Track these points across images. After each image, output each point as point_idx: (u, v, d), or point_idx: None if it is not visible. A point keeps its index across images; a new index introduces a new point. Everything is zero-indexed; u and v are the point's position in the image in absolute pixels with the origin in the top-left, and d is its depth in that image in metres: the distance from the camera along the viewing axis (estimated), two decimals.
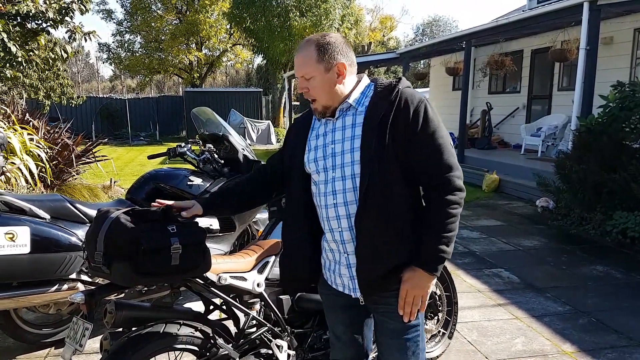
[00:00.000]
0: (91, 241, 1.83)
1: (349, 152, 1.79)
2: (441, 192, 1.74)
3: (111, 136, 20.86)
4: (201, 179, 3.79)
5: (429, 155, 1.74)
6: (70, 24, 7.52)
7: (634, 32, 9.03)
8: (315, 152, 1.89)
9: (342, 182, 1.81)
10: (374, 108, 1.78)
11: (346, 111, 1.85)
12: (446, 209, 1.74)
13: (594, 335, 3.62)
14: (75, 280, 3.06)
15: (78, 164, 6.51)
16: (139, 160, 14.09)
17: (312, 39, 1.83)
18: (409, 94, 1.77)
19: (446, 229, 1.74)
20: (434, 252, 1.75)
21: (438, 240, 1.74)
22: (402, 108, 1.74)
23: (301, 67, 1.82)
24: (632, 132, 5.80)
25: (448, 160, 1.75)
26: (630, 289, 4.49)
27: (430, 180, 1.77)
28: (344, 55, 1.82)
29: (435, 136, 1.74)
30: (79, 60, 52.18)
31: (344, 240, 1.85)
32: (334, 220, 1.84)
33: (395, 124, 1.73)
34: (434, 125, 1.75)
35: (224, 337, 2.20)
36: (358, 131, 1.79)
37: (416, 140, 1.73)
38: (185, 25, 26.25)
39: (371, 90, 1.86)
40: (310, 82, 1.81)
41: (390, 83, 1.85)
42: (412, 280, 1.78)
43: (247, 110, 22.03)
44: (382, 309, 1.88)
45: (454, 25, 45.97)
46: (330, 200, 1.84)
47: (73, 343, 1.95)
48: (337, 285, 1.95)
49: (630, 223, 5.56)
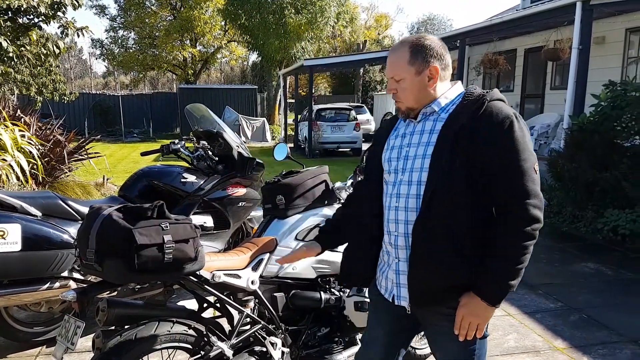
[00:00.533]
0: (83, 238, 1.82)
1: (420, 158, 1.74)
2: (516, 220, 1.62)
3: (104, 133, 20.76)
4: (195, 176, 3.77)
5: (507, 178, 1.62)
6: (63, 19, 7.47)
7: (625, 32, 9.08)
8: (391, 152, 1.87)
9: (408, 186, 1.76)
10: (455, 117, 1.70)
11: (428, 116, 1.78)
12: (519, 241, 1.62)
13: (585, 332, 3.65)
14: (67, 278, 3.04)
15: (70, 161, 6.46)
16: (132, 157, 14.04)
17: (407, 40, 1.78)
18: (496, 107, 1.65)
19: (516, 261, 1.63)
20: (498, 285, 1.65)
21: (504, 273, 1.64)
22: (485, 121, 1.63)
23: (392, 68, 1.78)
24: (624, 131, 5.84)
25: (527, 186, 1.61)
26: (620, 286, 4.53)
27: (505, 205, 1.64)
28: (438, 59, 1.75)
29: (517, 157, 1.61)
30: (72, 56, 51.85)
31: (398, 245, 1.80)
32: (393, 223, 1.81)
33: (473, 138, 1.63)
34: (517, 144, 1.61)
35: (218, 334, 2.20)
36: (434, 138, 1.72)
37: (494, 158, 1.62)
38: (180, 21, 26.14)
39: (460, 98, 1.77)
40: (399, 83, 1.76)
41: (480, 93, 1.73)
42: (469, 306, 1.70)
43: (242, 107, 21.99)
44: (434, 329, 1.83)
45: (449, 24, 46.10)
46: (393, 203, 1.80)
47: (65, 341, 1.94)
48: (380, 287, 1.92)
49: (621, 221, 5.61)
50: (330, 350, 2.61)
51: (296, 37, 21.43)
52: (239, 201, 3.91)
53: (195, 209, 3.68)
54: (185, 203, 3.66)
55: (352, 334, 2.70)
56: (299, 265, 2.49)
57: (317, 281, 2.59)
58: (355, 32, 29.58)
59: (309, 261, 2.52)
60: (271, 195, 2.60)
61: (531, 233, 1.62)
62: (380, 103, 26.93)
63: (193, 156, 3.95)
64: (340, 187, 2.78)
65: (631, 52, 9.11)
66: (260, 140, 19.83)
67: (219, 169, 3.93)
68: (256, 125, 20.24)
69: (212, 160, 3.93)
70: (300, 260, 2.39)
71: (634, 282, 4.63)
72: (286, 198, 2.56)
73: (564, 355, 3.33)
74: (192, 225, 1.95)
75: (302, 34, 21.46)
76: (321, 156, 15.10)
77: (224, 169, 3.95)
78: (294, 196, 2.57)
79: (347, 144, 15.48)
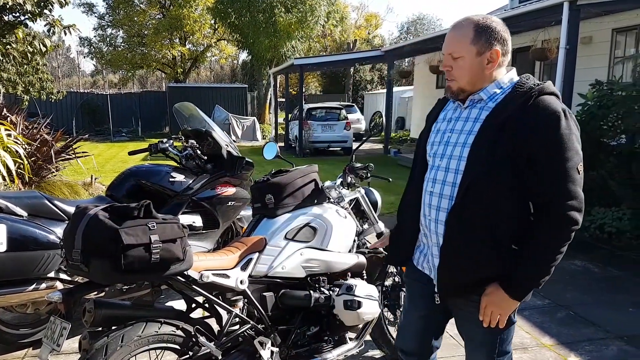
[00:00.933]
0: (69, 239, 1.80)
1: (460, 146, 1.73)
2: (554, 221, 1.60)
3: (92, 132, 20.61)
4: (184, 176, 3.75)
5: (549, 177, 1.60)
6: (50, 17, 7.39)
7: (612, 32, 9.17)
8: (435, 135, 1.88)
9: (445, 173, 1.77)
10: (502, 108, 1.66)
11: (476, 103, 1.76)
12: (554, 242, 1.62)
13: (572, 328, 3.69)
14: (53, 279, 3.01)
15: (57, 161, 6.40)
16: (121, 157, 13.94)
17: (472, 18, 1.72)
18: (545, 101, 1.61)
19: (548, 261, 1.63)
20: (526, 282, 1.67)
21: (535, 271, 1.65)
22: (532, 115, 1.60)
23: (452, 44, 1.73)
24: (610, 130, 5.90)
25: (569, 188, 1.59)
26: (607, 283, 4.58)
27: (544, 204, 1.63)
28: (501, 43, 1.70)
29: (561, 156, 1.58)
30: (59, 54, 51.38)
31: (431, 230, 1.83)
32: (428, 207, 1.83)
33: (518, 131, 1.60)
34: (563, 143, 1.58)
35: (206, 335, 2.19)
36: (477, 127, 1.70)
37: (538, 155, 1.59)
38: (169, 19, 25.97)
39: (511, 87, 1.72)
40: (457, 61, 1.72)
41: (531, 85, 1.67)
42: (493, 297, 1.71)
43: (232, 106, 21.93)
44: (462, 314, 1.87)
45: (438, 23, 46.20)
46: (430, 187, 1.82)
47: (50, 343, 1.92)
48: (423, 268, 1.93)
49: (607, 219, 5.66)
50: (319, 349, 2.60)
51: (286, 36, 21.40)
52: (228, 200, 3.89)
53: (184, 209, 3.66)
54: (174, 203, 3.64)
55: (341, 333, 2.70)
56: (288, 264, 2.49)
57: (306, 280, 2.58)
58: (345, 31, 29.57)
59: (298, 260, 2.51)
60: (260, 194, 2.59)
61: (568, 235, 1.61)
62: (370, 102, 26.97)
63: (181, 155, 3.93)
64: (329, 186, 2.77)
65: (617, 52, 9.20)
66: (251, 140, 19.79)
67: (208, 168, 3.91)
68: (246, 124, 20.20)
69: (200, 160, 3.91)
70: (290, 258, 2.45)
71: (620, 279, 4.68)
72: (275, 197, 2.55)
73: (552, 351, 3.36)
74: (180, 225, 1.94)
75: (292, 32, 21.42)
76: (312, 155, 15.09)
77: (213, 168, 3.93)
78: (283, 195, 2.56)
79: (337, 143, 15.49)
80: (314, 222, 2.60)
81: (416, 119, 17.50)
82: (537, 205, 1.68)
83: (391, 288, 3.10)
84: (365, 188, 3.09)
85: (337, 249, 2.66)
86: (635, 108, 5.51)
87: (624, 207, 5.68)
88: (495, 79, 1.74)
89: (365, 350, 3.28)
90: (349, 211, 2.86)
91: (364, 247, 2.93)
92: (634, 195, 5.61)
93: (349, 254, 2.74)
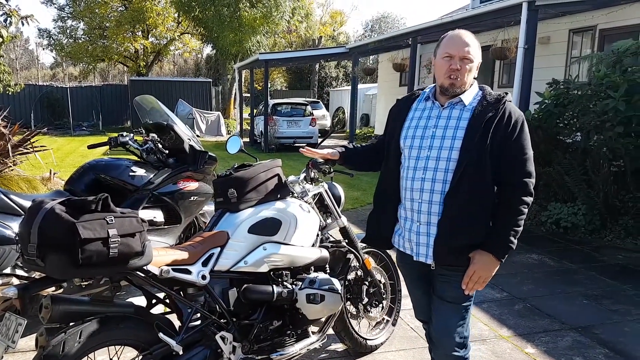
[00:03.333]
0: (24, 233, 1.76)
1: (450, 139, 2.09)
2: (519, 192, 2.06)
3: (51, 126, 20.03)
4: (144, 170, 3.69)
5: (518, 162, 2.07)
6: (6, 6, 7.13)
7: (569, 33, 9.46)
8: (414, 130, 2.20)
9: (436, 161, 2.10)
10: (482, 110, 2.08)
11: (455, 105, 2.14)
12: (520, 207, 2.06)
13: (528, 320, 3.81)
14: (9, 275, 2.93)
15: (15, 155, 6.20)
16: (81, 152, 13.57)
17: (470, 33, 2.13)
18: (512, 108, 2.09)
19: (518, 223, 2.07)
20: (507, 242, 2.06)
21: (510, 232, 2.06)
22: (506, 118, 2.06)
23: (472, 48, 2.08)
24: (566, 128, 6.11)
25: (530, 169, 2.08)
26: (562, 276, 4.74)
27: (513, 181, 2.07)
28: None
29: (525, 148, 2.08)
30: (18, 46, 49.59)
31: (421, 210, 2.14)
32: (417, 192, 2.14)
33: (497, 129, 2.04)
34: (526, 138, 2.09)
35: (167, 331, 2.16)
36: (463, 124, 2.09)
37: (510, 146, 2.05)
38: (131, 12, 25.40)
39: (480, 95, 2.15)
40: (467, 64, 2.08)
41: (499, 95, 2.13)
42: (481, 262, 2.08)
43: (196, 100, 21.66)
44: (445, 278, 2.18)
45: (402, 22, 46.61)
46: (419, 174, 2.14)
47: (5, 340, 1.87)
48: (405, 249, 2.27)
49: (563, 214, 5.87)
50: (282, 343, 2.61)
51: (251, 30, 21.23)
52: (191, 195, 3.85)
53: (145, 204, 3.60)
54: (134, 197, 3.58)
55: (304, 327, 2.71)
56: (250, 259, 2.48)
57: (269, 275, 2.58)
58: (310, 27, 29.48)
59: (261, 255, 2.51)
60: (223, 189, 2.57)
61: (528, 202, 2.08)
62: (336, 99, 27.05)
63: (142, 149, 3.86)
64: (293, 180, 2.77)
65: (574, 52, 9.50)
66: (215, 135, 19.58)
67: (170, 163, 3.85)
68: (210, 119, 19.97)
69: (162, 154, 3.84)
70: (253, 253, 2.47)
71: (575, 272, 4.85)
72: (238, 191, 2.53)
73: (509, 343, 3.47)
74: (139, 219, 1.91)
75: (257, 27, 21.28)
76: (277, 151, 15.05)
77: (175, 163, 3.88)
78: (246, 190, 2.55)
79: (303, 139, 15.49)
80: (277, 216, 2.60)
81: (380, 116, 17.65)
82: (506, 182, 2.09)
83: (354, 282, 3.13)
84: (329, 183, 3.11)
85: (300, 243, 2.67)
86: (590, 107, 5.71)
87: (579, 203, 5.90)
88: (471, 84, 2.15)
89: (328, 344, 3.31)
90: (313, 206, 2.87)
91: (327, 241, 2.95)
92: (589, 191, 5.83)
93: (312, 248, 2.75)
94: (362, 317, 3.20)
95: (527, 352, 3.34)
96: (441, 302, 2.21)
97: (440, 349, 2.25)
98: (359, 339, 3.17)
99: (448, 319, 2.19)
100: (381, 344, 3.30)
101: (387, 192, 2.31)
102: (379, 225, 2.37)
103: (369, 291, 3.14)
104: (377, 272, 3.24)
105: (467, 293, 2.14)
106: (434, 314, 2.24)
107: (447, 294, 2.18)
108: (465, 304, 2.19)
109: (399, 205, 2.27)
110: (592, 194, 5.81)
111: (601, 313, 3.94)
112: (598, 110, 5.51)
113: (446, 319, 2.20)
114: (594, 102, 5.71)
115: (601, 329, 3.66)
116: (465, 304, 2.19)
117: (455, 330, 2.18)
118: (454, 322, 2.18)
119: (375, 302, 3.18)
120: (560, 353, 3.33)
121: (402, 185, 2.22)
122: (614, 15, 8.20)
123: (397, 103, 2.41)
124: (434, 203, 2.11)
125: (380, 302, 3.21)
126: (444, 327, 2.20)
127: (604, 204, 5.77)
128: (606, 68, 5.71)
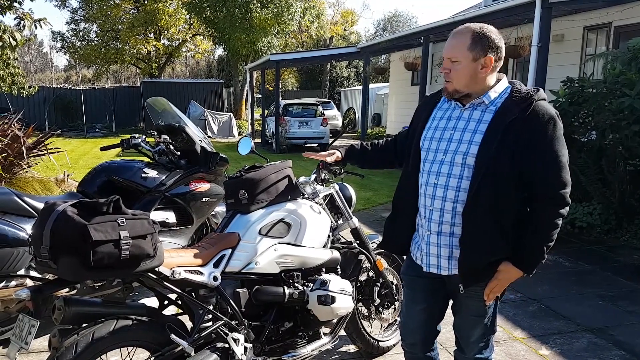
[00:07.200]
0: (37, 235, 1.77)
1: (467, 143, 1.91)
2: (554, 204, 1.87)
3: (65, 128, 20.24)
4: (156, 171, 3.70)
5: (550, 170, 1.85)
6: (20, 10, 7.22)
7: (583, 30, 9.35)
8: (433, 131, 2.04)
9: (450, 167, 1.94)
10: (505, 111, 1.87)
11: (477, 106, 1.95)
12: (555, 220, 1.88)
13: (543, 321, 3.76)
14: (23, 276, 2.96)
15: (29, 157, 6.26)
16: (94, 153, 13.70)
17: (470, 27, 1.90)
18: (542, 107, 1.85)
19: (550, 237, 1.90)
20: (536, 257, 1.93)
21: (542, 247, 1.90)
22: (533, 119, 1.83)
23: (451, 50, 1.91)
24: (581, 127, 6.02)
25: (565, 178, 1.87)
26: (577, 277, 4.68)
27: (546, 191, 1.87)
28: (494, 51, 1.88)
29: (558, 153, 1.85)
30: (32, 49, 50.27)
31: (432, 219, 2.00)
32: (430, 198, 2.00)
33: (521, 132, 1.83)
34: (558, 142, 1.85)
35: (179, 332, 2.16)
36: (482, 127, 1.90)
37: (539, 152, 1.84)
38: (143, 14, 25.61)
39: (507, 93, 1.93)
40: (454, 65, 1.90)
41: (528, 91, 1.90)
42: (506, 275, 1.96)
43: (207, 102, 21.74)
44: (469, 294, 2.03)
45: (414, 21, 46.47)
46: (432, 180, 1.98)
47: (18, 341, 1.88)
48: (416, 258, 2.14)
49: (578, 214, 5.79)
50: (293, 345, 2.61)
51: (262, 31, 21.28)
52: (202, 196, 3.86)
53: (157, 205, 3.61)
54: (146, 199, 3.59)
55: (315, 328, 2.70)
56: (262, 260, 2.48)
57: (280, 276, 2.58)
58: (321, 27, 29.52)
59: (272, 256, 2.51)
60: (233, 190, 2.57)
61: (564, 214, 1.89)
62: (347, 99, 27.01)
63: (154, 151, 3.88)
64: (304, 182, 2.76)
65: (589, 50, 9.38)
66: (227, 136, 19.64)
67: (182, 164, 3.86)
68: (222, 120, 20.04)
69: (174, 155, 3.86)
70: (264, 254, 2.44)
71: (590, 273, 4.79)
72: (249, 193, 2.53)
73: (523, 344, 3.43)
74: (150, 221, 1.91)
75: (269, 28, 21.32)
76: (289, 151, 15.06)
77: (187, 164, 3.89)
78: (257, 191, 2.55)
79: (314, 140, 15.48)
80: (288, 217, 2.60)
81: (392, 116, 17.59)
82: (539, 193, 1.89)
83: (365, 283, 3.12)
84: (340, 184, 3.09)
85: (311, 244, 2.66)
86: (605, 105, 5.63)
87: (594, 202, 5.82)
88: (488, 82, 1.93)
89: (340, 345, 3.30)
90: (324, 207, 2.86)
91: (338, 243, 2.94)
92: (604, 191, 5.75)
93: (323, 249, 2.74)
94: (374, 319, 3.18)
95: (542, 354, 3.30)
96: (467, 319, 2.14)
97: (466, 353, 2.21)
98: (371, 340, 3.15)
99: (472, 330, 2.14)
100: (393, 345, 3.28)
101: (404, 196, 2.17)
102: (395, 230, 2.25)
103: (380, 292, 3.12)
104: (389, 273, 3.22)
105: (488, 304, 2.06)
106: (460, 328, 2.18)
107: (473, 309, 2.09)
108: (490, 312, 2.10)
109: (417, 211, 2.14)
110: (608, 193, 5.73)
111: (617, 314, 3.88)
112: (613, 109, 5.43)
113: (470, 330, 2.14)
114: (609, 100, 5.63)
115: (617, 331, 3.60)
116: (490, 313, 2.10)
117: (481, 340, 2.14)
118: (478, 333, 2.12)
119: (387, 303, 3.16)
120: (575, 355, 3.28)
121: (419, 190, 2.07)
122: (630, 12, 8.09)
123: (424, 99, 2.24)
124: (446, 212, 1.95)
125: (392, 304, 3.19)
126: (466, 337, 2.17)
127: (620, 203, 5.69)
128: (622, 65, 5.63)
